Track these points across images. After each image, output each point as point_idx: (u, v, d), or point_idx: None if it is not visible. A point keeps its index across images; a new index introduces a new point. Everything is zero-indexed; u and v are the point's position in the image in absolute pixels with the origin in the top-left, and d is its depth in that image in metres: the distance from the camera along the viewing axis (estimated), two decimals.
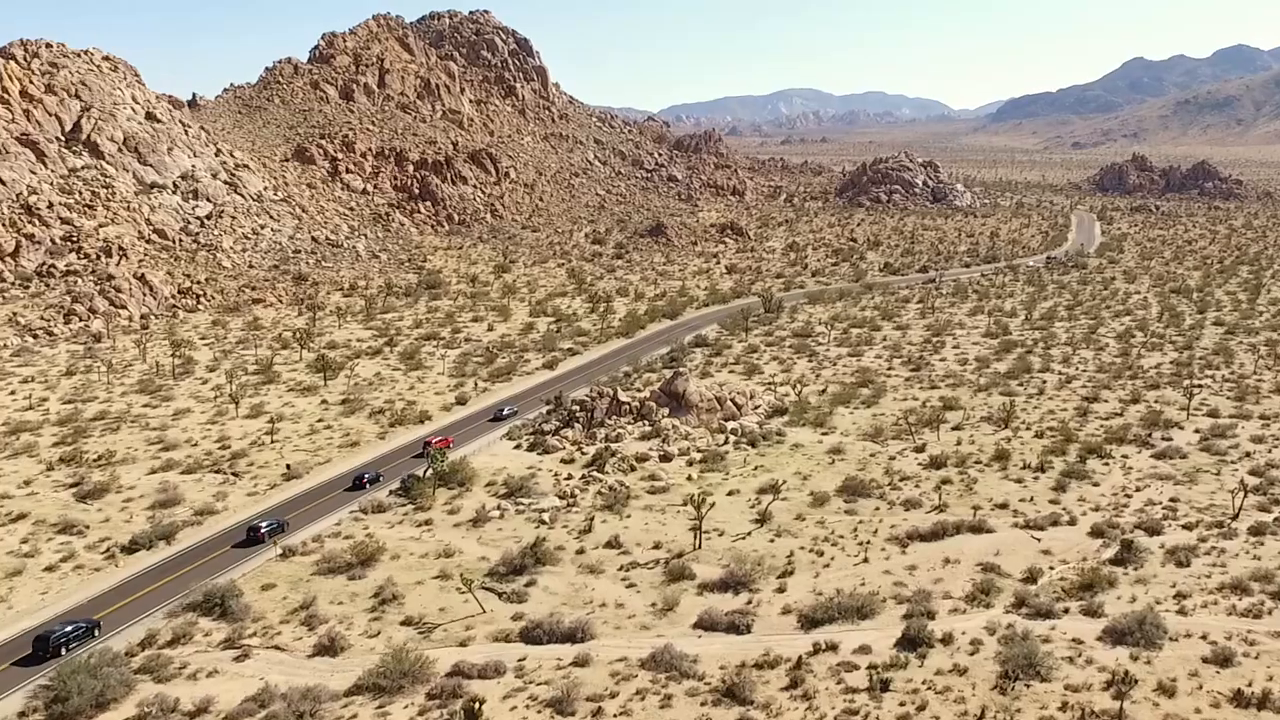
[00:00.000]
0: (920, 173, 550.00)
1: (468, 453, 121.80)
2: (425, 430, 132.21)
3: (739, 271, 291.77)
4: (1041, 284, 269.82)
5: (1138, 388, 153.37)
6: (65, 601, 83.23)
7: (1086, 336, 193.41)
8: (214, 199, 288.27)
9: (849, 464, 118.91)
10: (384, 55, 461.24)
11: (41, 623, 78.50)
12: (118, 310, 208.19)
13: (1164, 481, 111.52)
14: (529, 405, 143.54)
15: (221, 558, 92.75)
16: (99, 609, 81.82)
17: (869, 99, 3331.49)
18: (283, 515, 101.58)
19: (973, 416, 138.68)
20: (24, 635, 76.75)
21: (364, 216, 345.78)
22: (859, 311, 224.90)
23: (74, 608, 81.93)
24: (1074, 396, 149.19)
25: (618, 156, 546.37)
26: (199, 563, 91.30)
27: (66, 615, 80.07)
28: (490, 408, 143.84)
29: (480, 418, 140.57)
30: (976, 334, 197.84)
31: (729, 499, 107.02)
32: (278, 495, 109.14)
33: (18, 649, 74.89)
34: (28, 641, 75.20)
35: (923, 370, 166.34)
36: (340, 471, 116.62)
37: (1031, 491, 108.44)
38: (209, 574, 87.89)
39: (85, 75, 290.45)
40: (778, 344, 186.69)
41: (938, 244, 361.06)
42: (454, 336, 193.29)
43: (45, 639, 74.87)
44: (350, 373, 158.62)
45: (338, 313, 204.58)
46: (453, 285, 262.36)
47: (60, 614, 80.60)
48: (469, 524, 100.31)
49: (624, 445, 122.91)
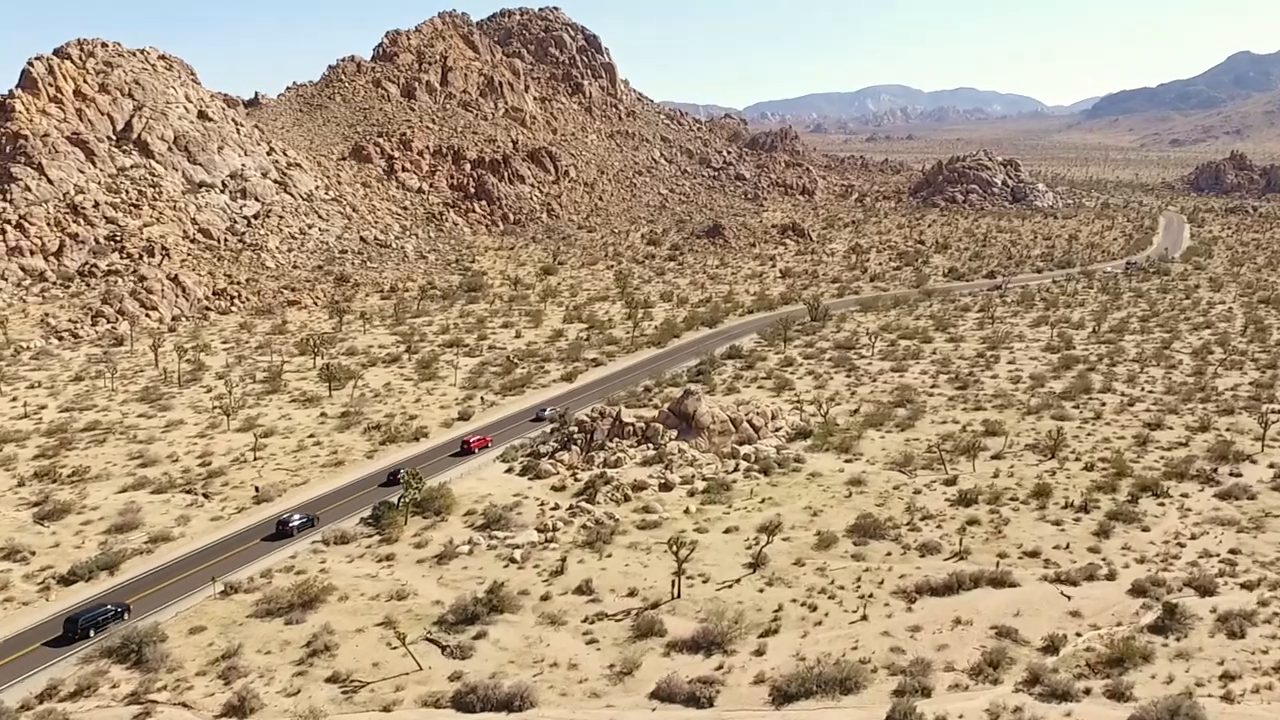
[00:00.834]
0: (999, 172, 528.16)
1: (455, 476, 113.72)
2: (418, 450, 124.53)
3: (794, 275, 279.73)
4: (1117, 292, 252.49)
5: (1208, 413, 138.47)
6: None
7: (1158, 352, 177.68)
8: (262, 198, 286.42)
9: (868, 498, 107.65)
10: (447, 53, 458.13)
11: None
12: (148, 312, 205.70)
13: (1225, 528, 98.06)
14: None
15: (162, 592, 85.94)
16: (7, 653, 75.41)
17: (959, 95, 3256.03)
18: (239, 545, 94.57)
19: (1016, 444, 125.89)
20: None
21: (417, 216, 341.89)
22: (912, 321, 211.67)
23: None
24: (1134, 422, 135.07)
25: (685, 155, 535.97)
26: (136, 597, 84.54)
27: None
28: (493, 425, 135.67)
29: (497, 428, 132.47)
30: (1036, 348, 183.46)
31: (725, 537, 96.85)
32: (243, 521, 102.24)
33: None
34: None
35: (970, 389, 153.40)
36: (315, 495, 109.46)
37: (1069, 536, 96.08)
38: (142, 612, 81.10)
39: (139, 74, 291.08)
40: (816, 356, 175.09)
41: (1010, 247, 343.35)
42: (478, 344, 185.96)
43: (74, 620, 76.92)
44: (356, 384, 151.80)
45: (362, 317, 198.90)
46: (494, 287, 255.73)
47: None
48: (433, 560, 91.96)
49: (623, 471, 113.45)
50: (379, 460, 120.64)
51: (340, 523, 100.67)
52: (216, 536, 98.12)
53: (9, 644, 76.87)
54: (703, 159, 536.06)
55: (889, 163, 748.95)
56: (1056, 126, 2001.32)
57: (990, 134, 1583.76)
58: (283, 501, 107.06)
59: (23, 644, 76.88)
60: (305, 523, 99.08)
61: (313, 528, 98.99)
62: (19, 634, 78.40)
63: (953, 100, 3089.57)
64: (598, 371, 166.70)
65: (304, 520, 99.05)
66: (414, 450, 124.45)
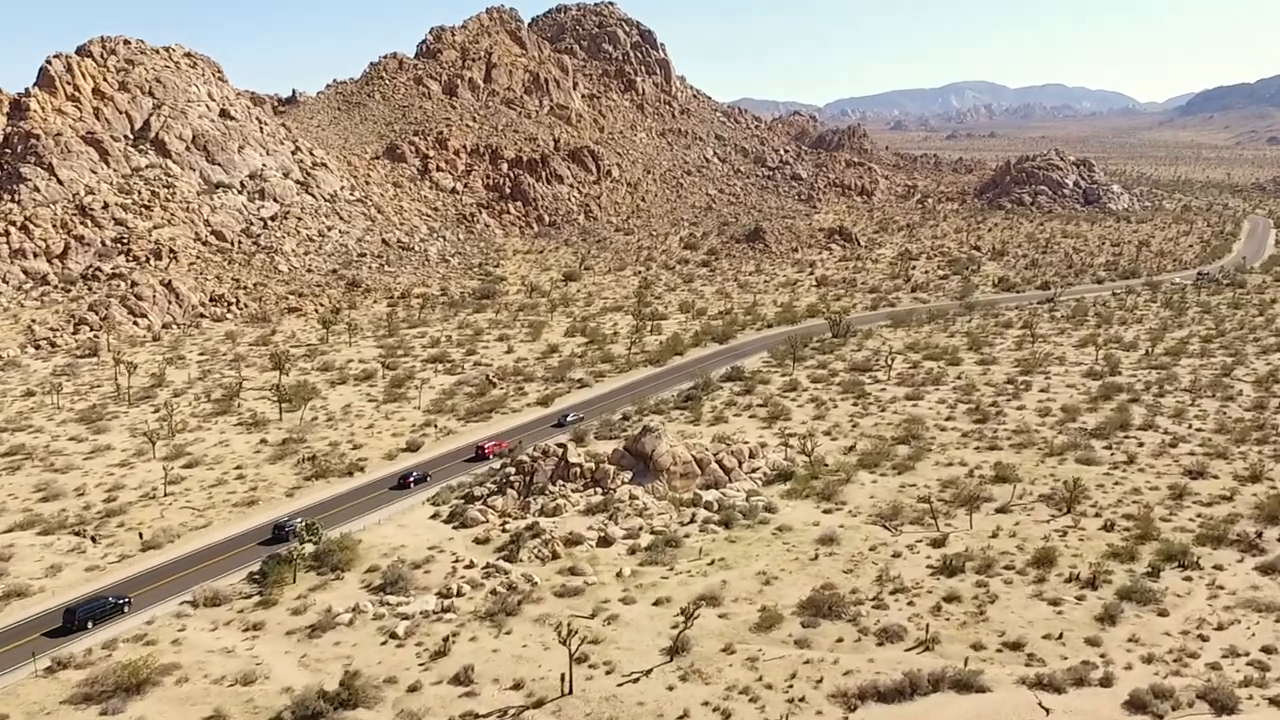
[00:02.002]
0: (1071, 172, 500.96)
1: (372, 523, 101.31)
2: (349, 486, 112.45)
3: (830, 284, 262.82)
4: (1181, 306, 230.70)
5: (1263, 458, 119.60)
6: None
7: (1216, 380, 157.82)
8: (282, 199, 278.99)
9: (836, 561, 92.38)
10: (492, 49, 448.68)
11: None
12: (136, 320, 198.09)
13: (1263, 615, 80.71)
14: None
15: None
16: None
17: (1046, 92, 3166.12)
18: (116, 595, 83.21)
19: (1028, 494, 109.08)
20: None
21: (448, 217, 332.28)
22: (944, 339, 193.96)
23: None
24: (1173, 468, 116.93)
25: (739, 154, 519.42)
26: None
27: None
28: (441, 458, 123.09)
29: (434, 465, 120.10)
30: (1076, 373, 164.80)
31: (653, 611, 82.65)
32: (122, 571, 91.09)
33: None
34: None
35: (989, 422, 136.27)
36: (213, 540, 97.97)
37: (1066, 622, 79.83)
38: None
39: (161, 72, 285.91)
40: (826, 380, 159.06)
41: (1072, 254, 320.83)
42: (465, 359, 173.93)
43: (72, 612, 78.13)
44: (309, 406, 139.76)
45: (349, 328, 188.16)
46: (509, 294, 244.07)
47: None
48: (305, 632, 79.44)
49: (561, 521, 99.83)
50: (300, 498, 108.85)
51: (228, 577, 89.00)
52: (84, 590, 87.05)
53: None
54: (758, 158, 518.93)
55: (963, 161, 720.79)
56: (1147, 124, 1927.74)
57: (1077, 132, 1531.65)
58: (174, 549, 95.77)
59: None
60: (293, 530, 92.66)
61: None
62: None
63: (1040, 97, 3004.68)
64: (581, 394, 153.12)
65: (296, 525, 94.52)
66: (344, 486, 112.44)
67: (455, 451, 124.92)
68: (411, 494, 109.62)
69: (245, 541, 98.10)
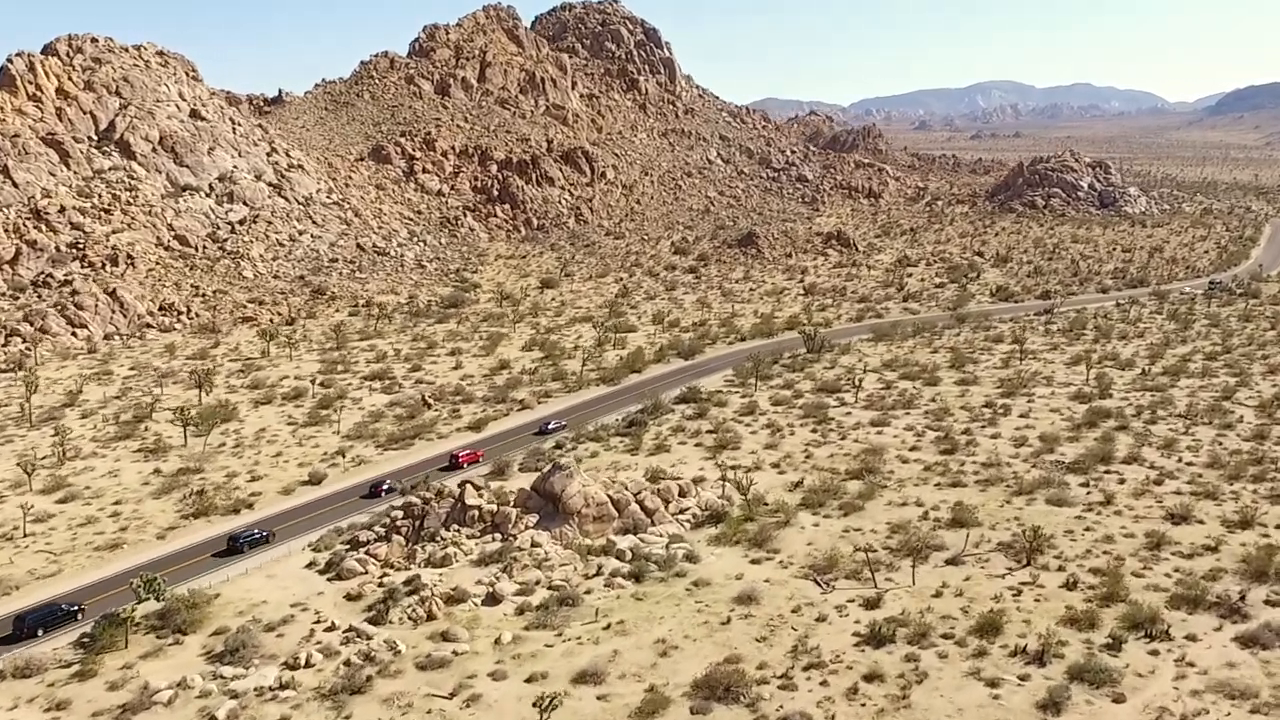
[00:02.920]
0: (1086, 174, 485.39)
1: (238, 572, 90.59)
2: (232, 525, 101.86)
3: (818, 293, 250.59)
4: (1188, 319, 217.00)
5: (1258, 500, 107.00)
6: None
7: (1215, 404, 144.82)
8: (252, 202, 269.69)
9: (751, 626, 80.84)
10: (487, 48, 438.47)
11: None
12: (75, 330, 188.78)
13: (1237, 703, 68.69)
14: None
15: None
16: None
17: (1074, 91, 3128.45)
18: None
19: (986, 542, 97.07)
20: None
21: (431, 221, 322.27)
22: (928, 355, 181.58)
23: None
24: (1155, 511, 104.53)
25: (744, 154, 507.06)
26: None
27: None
28: (341, 493, 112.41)
29: (337, 500, 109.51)
30: (1063, 395, 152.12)
31: (522, 690, 71.47)
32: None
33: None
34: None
35: (957, 453, 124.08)
36: (60, 591, 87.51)
37: (1002, 711, 68.17)
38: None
39: (129, 71, 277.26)
40: (788, 403, 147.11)
41: (1078, 261, 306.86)
42: (409, 375, 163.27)
43: (22, 619, 77.69)
44: (214, 430, 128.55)
45: (289, 341, 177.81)
46: (480, 303, 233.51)
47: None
48: (116, 713, 68.81)
49: (448, 574, 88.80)
50: (172, 541, 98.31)
51: (54, 639, 78.50)
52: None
53: None
54: (763, 159, 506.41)
55: (982, 162, 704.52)
56: (1176, 124, 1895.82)
57: (1104, 132, 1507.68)
58: (8, 603, 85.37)
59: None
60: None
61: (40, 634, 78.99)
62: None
63: (1067, 96, 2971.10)
64: (520, 417, 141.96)
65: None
66: (226, 526, 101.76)
67: (360, 485, 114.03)
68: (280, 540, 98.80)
69: (96, 593, 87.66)
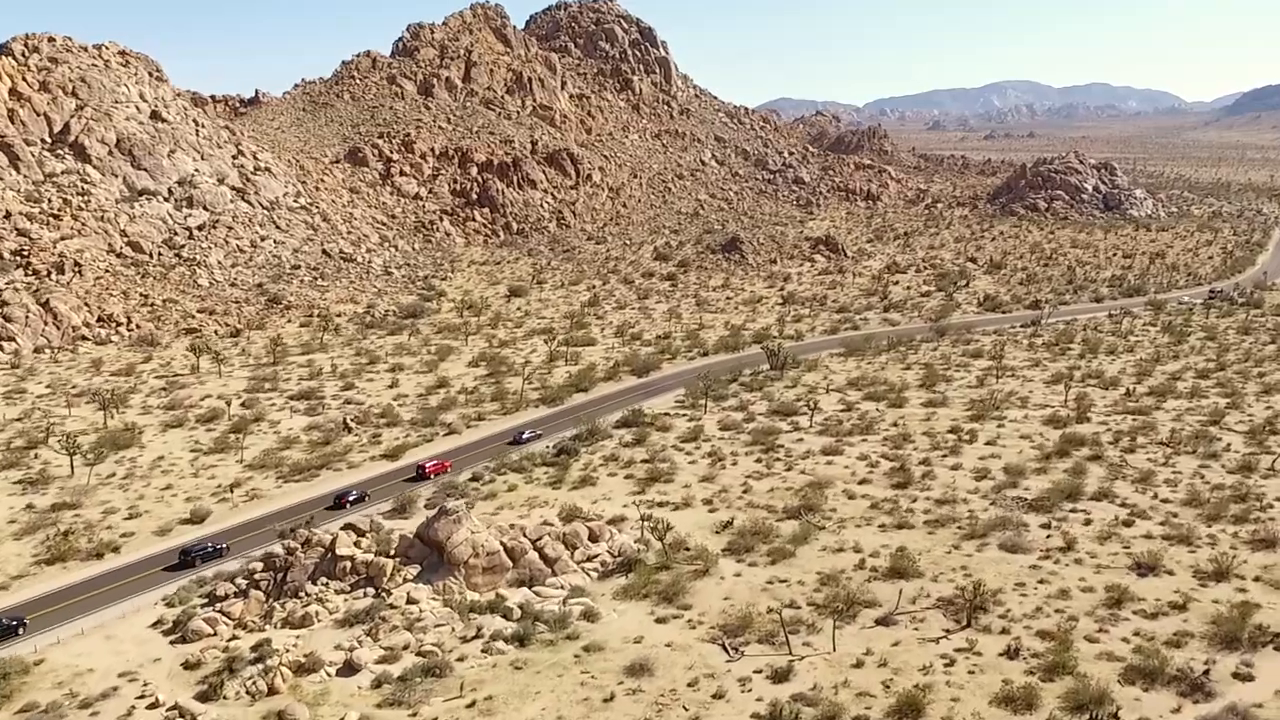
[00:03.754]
0: (1090, 176, 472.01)
1: (73, 632, 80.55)
2: (89, 573, 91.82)
3: (796, 302, 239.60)
4: (1184, 331, 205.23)
5: (1237, 546, 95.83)
6: None
7: (1201, 431, 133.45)
8: (212, 207, 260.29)
9: (638, 704, 70.41)
10: (473, 47, 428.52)
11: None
12: (2, 344, 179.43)
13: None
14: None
15: None
16: None
17: (1091, 91, 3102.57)
18: None
19: (924, 597, 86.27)
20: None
21: (405, 225, 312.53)
22: (900, 371, 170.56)
23: None
24: (1120, 559, 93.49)
25: (739, 156, 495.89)
26: None
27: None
28: (234, 529, 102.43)
29: (216, 542, 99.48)
30: (1037, 419, 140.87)
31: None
32: None
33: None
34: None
35: (910, 487, 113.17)
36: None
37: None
38: None
39: (87, 71, 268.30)
40: (737, 427, 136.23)
41: (1075, 268, 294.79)
42: (341, 394, 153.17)
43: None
44: (91, 459, 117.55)
45: (216, 357, 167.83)
46: (440, 313, 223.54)
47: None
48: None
49: (307, 636, 78.56)
50: (17, 591, 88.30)
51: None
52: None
53: None
54: (759, 160, 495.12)
55: (990, 163, 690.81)
56: (1193, 123, 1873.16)
57: (1119, 132, 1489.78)
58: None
59: None
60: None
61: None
62: None
63: (1084, 96, 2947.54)
64: (445, 442, 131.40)
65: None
66: (84, 573, 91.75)
67: (253, 522, 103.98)
68: (156, 585, 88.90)
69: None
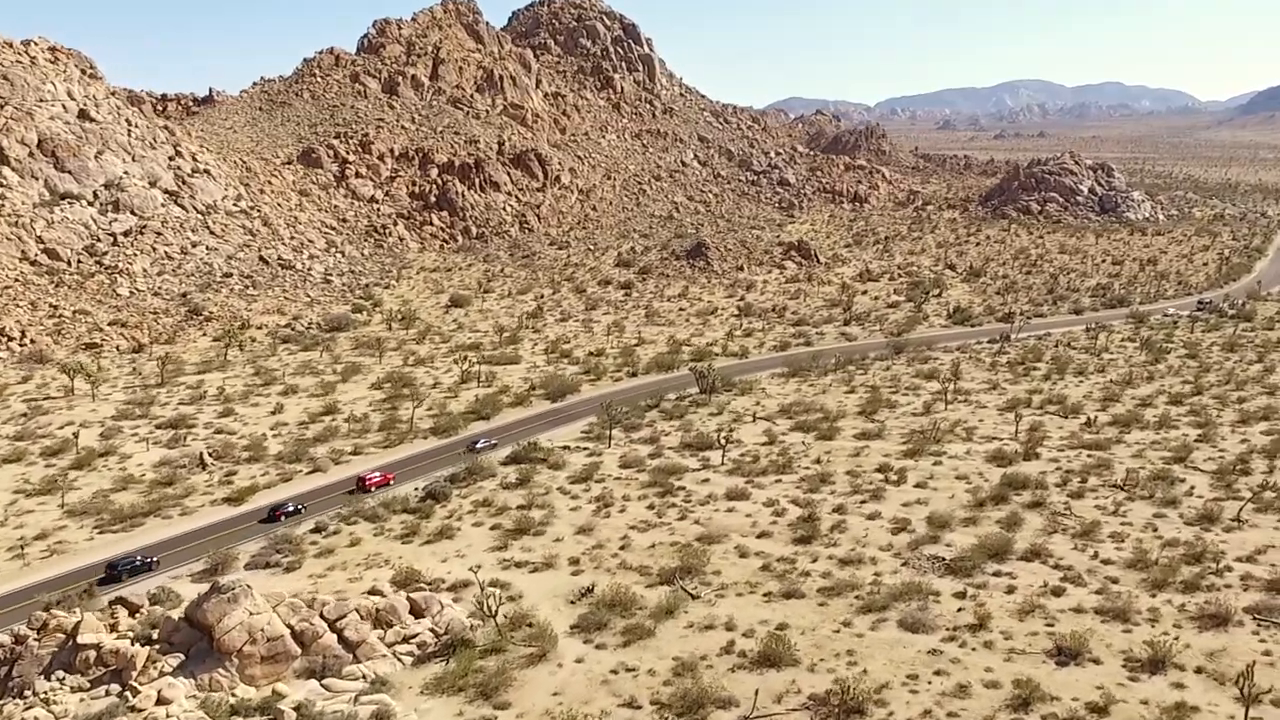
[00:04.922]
0: (1086, 177, 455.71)
1: None
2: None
3: (753, 314, 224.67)
4: (1163, 348, 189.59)
5: (1182, 624, 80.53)
6: None
7: (1162, 470, 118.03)
8: (141, 211, 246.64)
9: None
10: (442, 44, 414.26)
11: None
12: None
13: None
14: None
15: None
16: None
17: (1104, 90, 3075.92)
18: None
19: (793, 694, 71.39)
20: None
21: (356, 230, 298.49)
22: (843, 395, 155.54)
23: None
24: (1039, 642, 78.35)
25: (723, 156, 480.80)
26: None
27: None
28: (26, 590, 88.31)
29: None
30: (980, 455, 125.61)
31: None
32: None
33: None
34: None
35: (812, 543, 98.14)
36: None
37: None
38: None
39: (10, 69, 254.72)
40: (641, 464, 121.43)
41: (1059, 275, 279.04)
42: (215, 421, 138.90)
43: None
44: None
45: (89, 378, 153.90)
46: (368, 325, 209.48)
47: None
48: None
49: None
50: None
51: None
52: None
53: None
54: (743, 161, 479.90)
55: (993, 163, 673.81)
56: (1206, 123, 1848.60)
57: (1131, 131, 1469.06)
58: None
59: None
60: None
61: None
62: None
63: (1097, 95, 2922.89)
64: (306, 482, 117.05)
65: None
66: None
67: (35, 587, 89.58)
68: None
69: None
